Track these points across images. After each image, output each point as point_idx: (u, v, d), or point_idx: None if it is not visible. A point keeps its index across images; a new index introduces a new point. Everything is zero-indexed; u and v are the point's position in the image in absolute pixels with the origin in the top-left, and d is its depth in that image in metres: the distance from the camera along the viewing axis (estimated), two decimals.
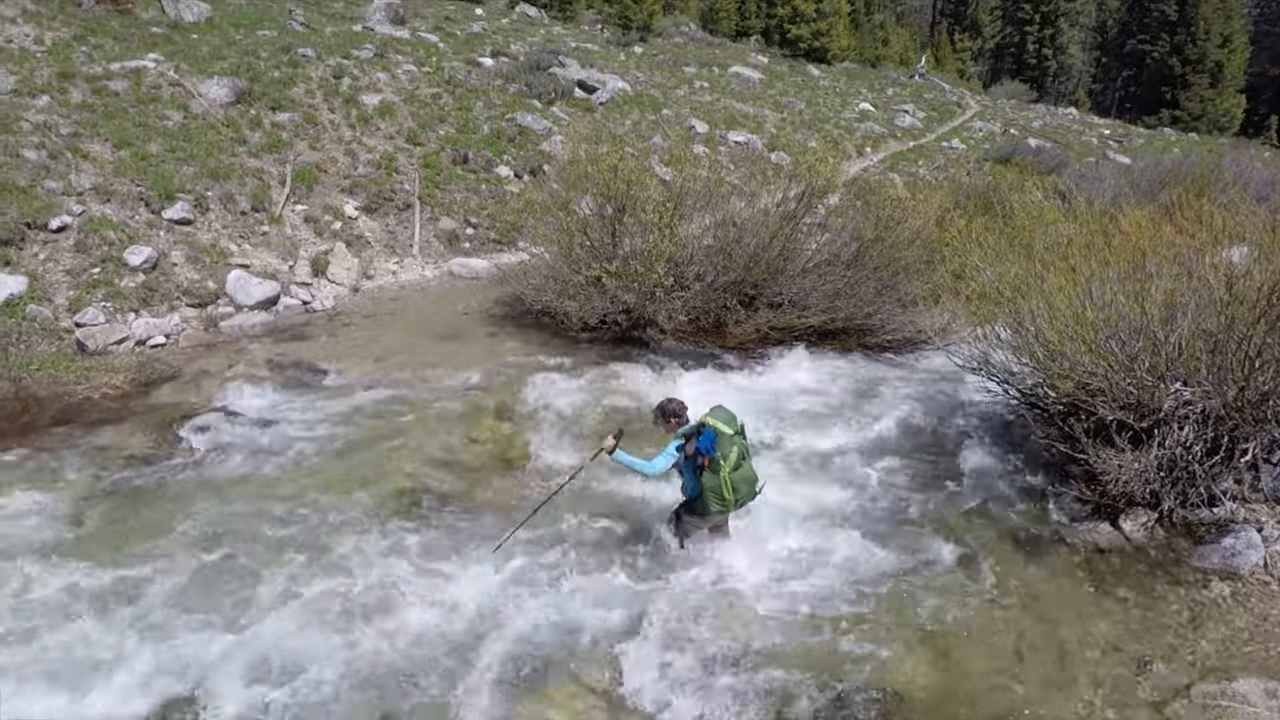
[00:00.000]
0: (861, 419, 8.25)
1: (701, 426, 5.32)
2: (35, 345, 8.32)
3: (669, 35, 34.48)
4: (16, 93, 11.53)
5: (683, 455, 5.41)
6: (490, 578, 5.58)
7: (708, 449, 5.23)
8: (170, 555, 5.62)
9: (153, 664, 4.70)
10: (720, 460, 5.24)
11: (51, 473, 6.46)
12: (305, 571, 5.55)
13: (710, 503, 5.41)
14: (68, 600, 5.14)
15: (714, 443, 5.23)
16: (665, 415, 5.57)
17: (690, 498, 5.61)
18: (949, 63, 56.06)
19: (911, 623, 5.38)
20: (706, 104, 22.81)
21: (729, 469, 5.28)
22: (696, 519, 5.70)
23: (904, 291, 10.63)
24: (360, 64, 16.27)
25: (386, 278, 11.89)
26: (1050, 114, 38.95)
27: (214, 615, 5.12)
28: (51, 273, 9.22)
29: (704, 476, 5.32)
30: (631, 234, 9.83)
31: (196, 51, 14.60)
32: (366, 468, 6.90)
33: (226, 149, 12.28)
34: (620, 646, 5.07)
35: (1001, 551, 6.21)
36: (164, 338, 9.11)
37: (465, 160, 14.69)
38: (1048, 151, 24.31)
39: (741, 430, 5.47)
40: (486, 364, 9.07)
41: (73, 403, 7.56)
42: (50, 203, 9.81)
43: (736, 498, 5.42)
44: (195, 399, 7.93)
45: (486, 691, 4.70)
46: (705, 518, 5.64)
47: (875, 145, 24.36)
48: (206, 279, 10.11)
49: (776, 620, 5.38)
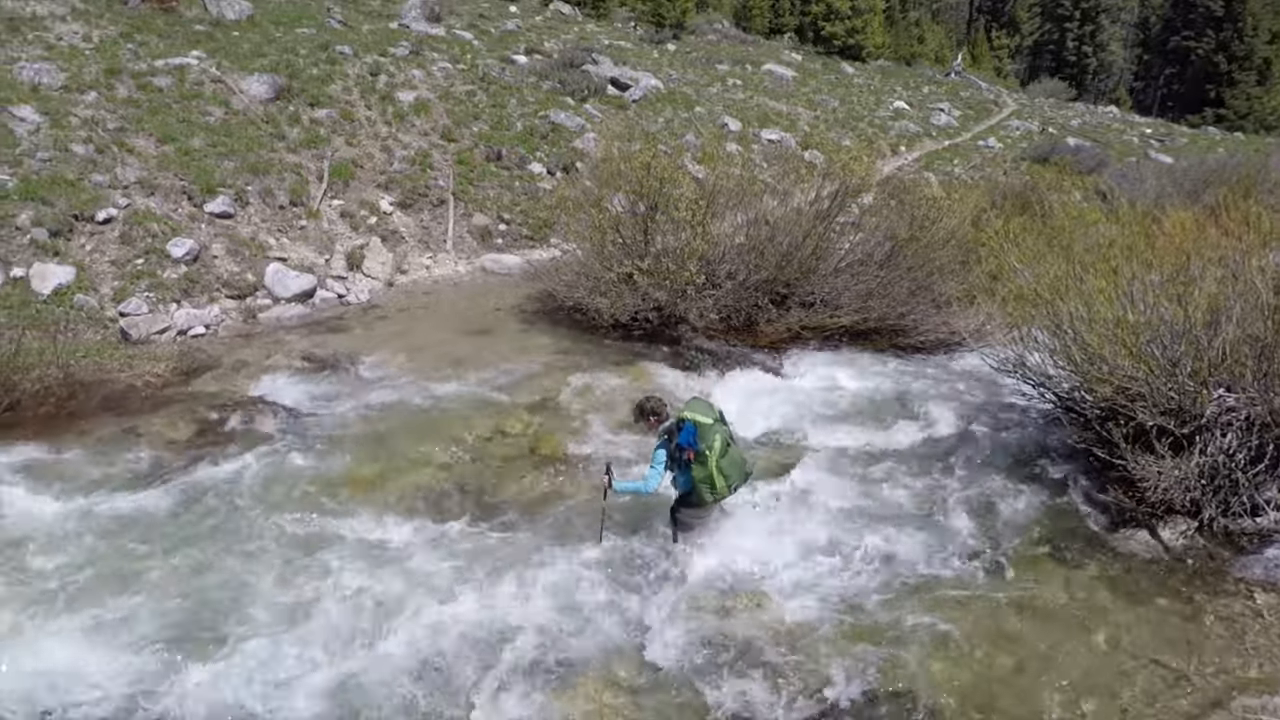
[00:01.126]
0: (893, 419, 8.19)
1: (680, 422, 5.36)
2: (82, 333, 8.54)
3: (702, 33, 34.36)
4: (66, 89, 11.83)
5: (668, 455, 5.44)
6: (516, 573, 5.62)
7: (690, 442, 5.28)
8: (208, 540, 5.75)
9: (196, 639, 4.81)
10: (706, 451, 5.28)
11: (98, 458, 6.63)
12: (337, 561, 5.62)
13: (704, 493, 5.46)
14: (118, 578, 5.28)
15: (695, 435, 5.28)
16: (644, 414, 5.62)
17: (684, 492, 5.64)
18: (985, 60, 55.22)
19: (939, 626, 5.32)
20: (739, 102, 22.72)
21: (716, 457, 5.32)
22: (694, 510, 5.74)
23: (938, 292, 10.52)
24: (396, 61, 16.46)
25: (420, 272, 12.02)
26: (1090, 112, 38.20)
27: (244, 601, 5.22)
28: (97, 263, 9.46)
29: (694, 469, 5.36)
30: (664, 231, 9.84)
31: (238, 49, 14.87)
32: (398, 459, 6.99)
33: (266, 144, 12.50)
34: (644, 641, 5.09)
35: (1034, 556, 6.12)
36: (204, 328, 9.31)
37: (499, 157, 14.79)
38: (1087, 151, 23.85)
39: (721, 417, 5.51)
40: (518, 359, 9.14)
41: (116, 390, 7.75)
42: (97, 195, 10.07)
43: (729, 484, 5.47)
44: (233, 389, 8.09)
45: (513, 684, 4.74)
46: (702, 508, 5.68)
47: (910, 144, 24.08)
48: (246, 271, 10.30)
49: (802, 619, 5.35)
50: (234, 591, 5.31)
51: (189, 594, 5.26)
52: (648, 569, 5.74)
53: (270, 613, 5.16)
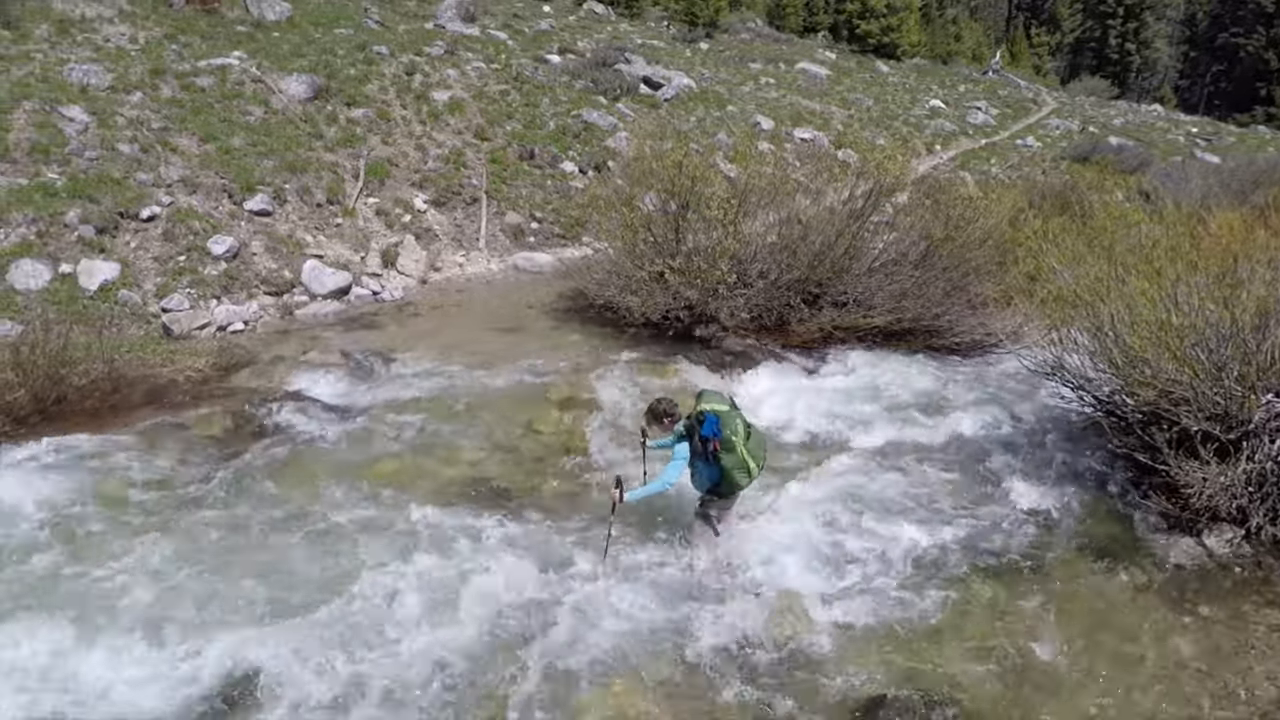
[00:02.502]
0: (928, 421, 8.08)
1: (700, 416, 5.35)
2: (126, 329, 8.76)
3: (735, 31, 34.23)
4: (113, 89, 12.13)
5: (690, 450, 5.43)
6: (546, 572, 5.63)
7: (715, 433, 5.28)
8: (242, 533, 5.86)
9: (230, 631, 4.90)
10: (732, 437, 5.30)
11: (143, 449, 6.79)
12: (368, 555, 5.68)
13: (739, 478, 5.47)
14: (157, 567, 5.40)
15: (718, 424, 5.29)
16: (658, 416, 5.57)
17: (713, 484, 5.61)
18: (1025, 58, 54.27)
19: (975, 631, 5.24)
20: (772, 100, 22.59)
21: (743, 441, 5.36)
22: (725, 501, 5.75)
23: (973, 293, 10.36)
24: (431, 61, 16.62)
25: (453, 270, 12.13)
26: (1133, 111, 37.37)
27: (280, 593, 5.30)
28: (141, 260, 9.69)
29: (723, 459, 5.36)
30: (695, 230, 9.81)
31: (278, 49, 15.12)
32: (431, 455, 7.06)
33: (304, 143, 12.70)
34: (677, 643, 5.08)
35: (1073, 562, 6.01)
36: (243, 324, 9.48)
37: (531, 156, 14.87)
38: (1130, 150, 23.33)
39: (733, 403, 5.55)
40: (549, 357, 9.18)
41: (159, 384, 7.93)
42: (141, 193, 10.31)
43: (759, 464, 5.52)
44: (271, 384, 8.23)
45: (545, 684, 4.74)
46: (732, 497, 5.71)
47: (946, 143, 23.75)
48: (283, 268, 10.48)
49: (837, 620, 5.31)
50: (264, 581, 5.37)
51: (224, 580, 5.35)
52: (679, 569, 5.72)
53: (294, 603, 5.22)
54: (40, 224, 9.35)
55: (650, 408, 5.65)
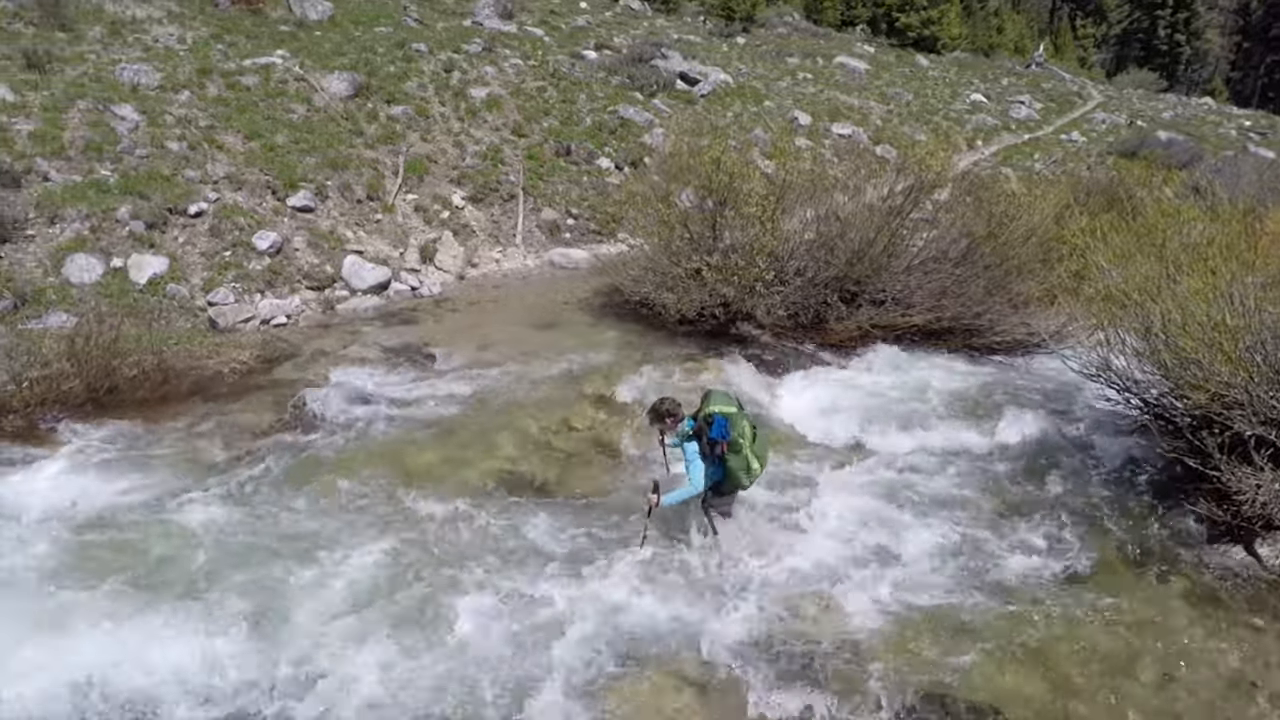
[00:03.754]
0: (968, 421, 7.97)
1: (709, 418, 5.38)
2: (174, 321, 8.98)
3: (772, 26, 33.97)
4: (162, 88, 12.42)
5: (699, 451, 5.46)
6: (577, 567, 5.65)
7: (723, 435, 5.35)
8: (287, 520, 5.98)
9: (268, 609, 5.01)
10: (739, 439, 5.38)
11: (191, 439, 6.97)
12: (404, 547, 5.75)
13: (742, 479, 5.54)
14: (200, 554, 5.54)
15: (727, 426, 5.35)
16: (660, 416, 5.55)
17: (714, 483, 5.64)
18: (1069, 50, 53.09)
19: (1013, 635, 5.16)
20: (810, 96, 22.39)
21: (749, 442, 5.43)
22: (727, 499, 5.83)
23: (1015, 291, 10.17)
24: (469, 58, 16.76)
25: (490, 266, 12.23)
26: (1182, 104, 36.34)
27: (311, 583, 5.41)
28: (189, 254, 9.92)
29: (729, 460, 5.43)
30: (732, 227, 9.76)
31: (320, 48, 15.37)
32: (468, 449, 7.13)
33: (345, 140, 12.89)
34: (707, 641, 5.06)
35: (1116, 567, 5.89)
36: (285, 318, 9.67)
37: (568, 152, 14.92)
38: (1179, 145, 22.68)
39: (740, 405, 5.62)
40: (585, 353, 9.21)
41: (205, 376, 8.12)
42: (189, 190, 10.55)
43: (761, 465, 5.59)
44: (312, 377, 8.37)
45: (574, 680, 4.75)
46: (733, 495, 5.82)
47: (987, 138, 23.33)
48: (325, 264, 10.65)
49: (870, 624, 5.25)
50: (302, 569, 5.48)
51: (266, 567, 5.47)
52: (708, 569, 5.71)
53: (332, 588, 5.31)
54: (93, 220, 9.62)
55: (653, 407, 5.66)
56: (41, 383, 7.12)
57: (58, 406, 7.08)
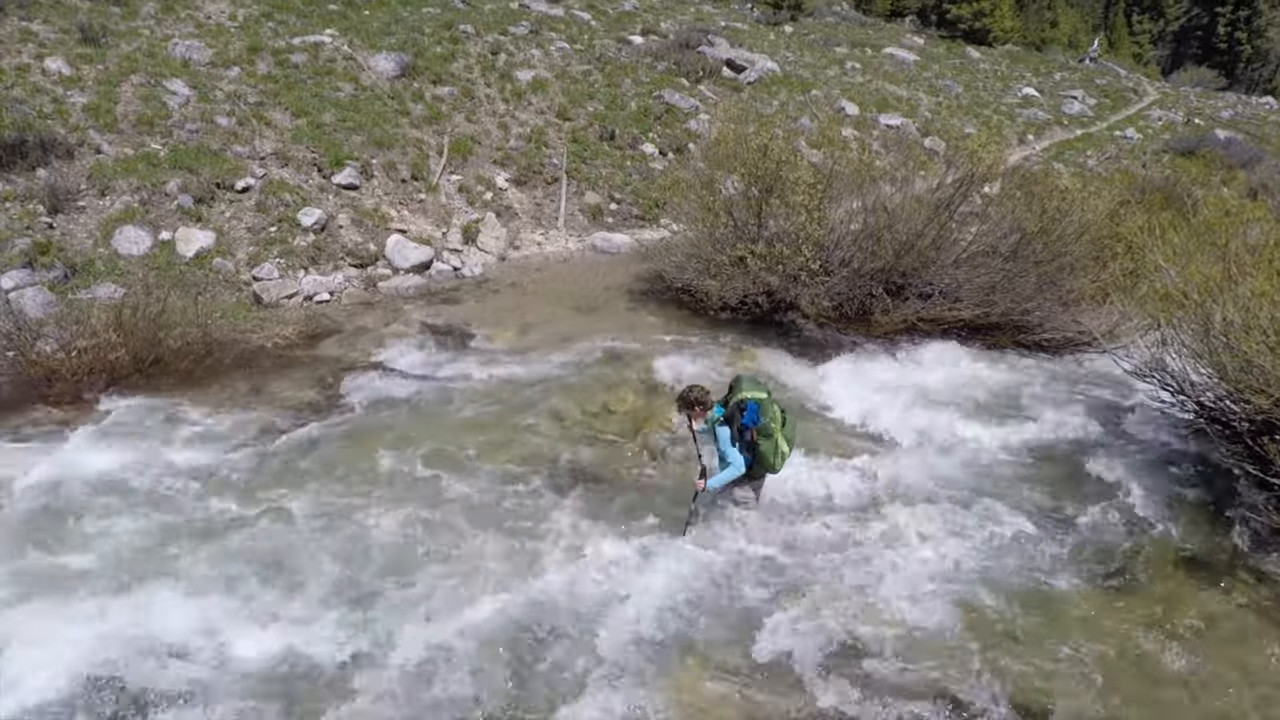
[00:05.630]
0: (1018, 419, 7.80)
1: (741, 404, 5.40)
2: (219, 295, 9.09)
3: (820, 15, 33.46)
4: (213, 64, 12.56)
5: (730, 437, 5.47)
6: (619, 553, 5.61)
7: (754, 421, 5.37)
8: (325, 496, 6.02)
9: (310, 596, 5.05)
10: (771, 425, 5.39)
11: (233, 411, 7.05)
12: (443, 530, 5.75)
13: (772, 462, 5.51)
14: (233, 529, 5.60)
15: (759, 412, 5.37)
16: (689, 404, 5.57)
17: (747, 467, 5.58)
18: (1124, 46, 51.60)
19: (1064, 642, 5.01)
20: (858, 85, 22.00)
21: (780, 428, 5.45)
22: (755, 483, 5.82)
23: (1067, 289, 9.89)
24: (516, 40, 16.71)
25: (532, 248, 12.21)
26: (1242, 103, 35.08)
27: (352, 563, 5.43)
28: (235, 229, 10.03)
29: (760, 445, 5.43)
30: (777, 216, 9.61)
31: (368, 27, 15.43)
32: (507, 430, 7.12)
33: (391, 120, 12.93)
34: (751, 635, 5.00)
35: (1171, 575, 5.70)
36: (329, 294, 9.74)
37: (612, 137, 14.82)
38: (1239, 145, 21.91)
39: (769, 391, 5.60)
40: (626, 337, 9.15)
41: (249, 349, 8.21)
42: (237, 165, 10.66)
43: (790, 449, 5.57)
44: (355, 354, 8.43)
45: (617, 667, 4.72)
46: (762, 479, 5.82)
47: (1038, 133, 22.75)
48: (368, 242, 10.71)
49: (918, 624, 5.14)
50: (333, 546, 5.52)
51: (298, 541, 5.51)
52: (756, 562, 5.63)
53: (380, 570, 5.34)
54: (143, 192, 9.77)
55: (681, 395, 5.65)
56: (89, 352, 7.26)
57: (105, 376, 7.21)
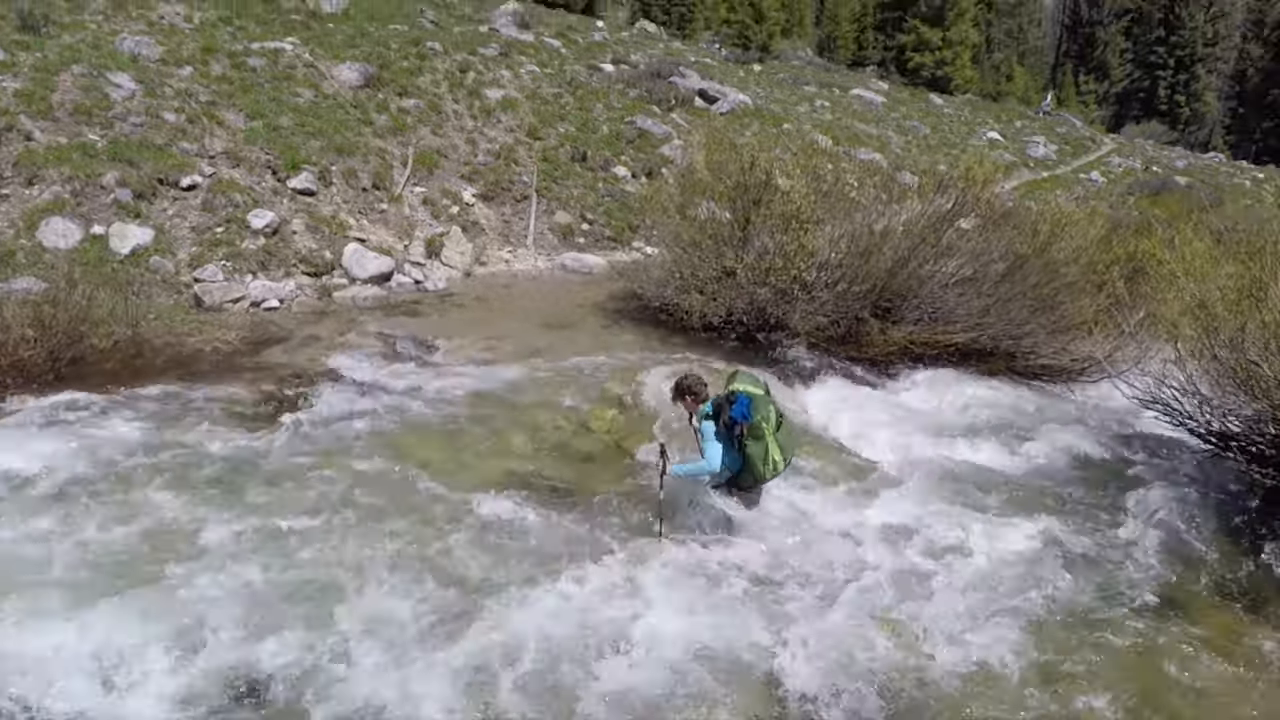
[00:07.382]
0: (1018, 443, 7.34)
1: (730, 395, 4.86)
2: (155, 295, 8.24)
3: (786, 58, 33.92)
4: (163, 62, 11.78)
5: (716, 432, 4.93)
6: (602, 576, 4.88)
7: (744, 415, 4.80)
8: (261, 515, 5.15)
9: (251, 624, 4.19)
10: (761, 423, 4.83)
11: (156, 415, 6.16)
12: (403, 548, 4.96)
13: (762, 470, 4.96)
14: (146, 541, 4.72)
15: (749, 407, 4.81)
16: (682, 392, 5.14)
17: (732, 474, 5.12)
18: (1073, 104, 53.44)
19: (1097, 671, 4.46)
20: (829, 122, 22.03)
21: (772, 430, 4.86)
22: (744, 494, 5.26)
23: (1060, 314, 9.53)
24: (485, 60, 16.26)
25: (499, 265, 11.53)
26: (1193, 157, 36.39)
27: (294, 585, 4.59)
28: (177, 228, 9.18)
29: (747, 446, 4.87)
30: (762, 233, 9.10)
31: (331, 39, 14.81)
32: (471, 447, 6.36)
33: (353, 128, 12.25)
34: (769, 665, 4.32)
35: (1203, 605, 5.22)
36: (278, 301, 8.91)
37: (584, 158, 14.34)
38: (1199, 189, 22.38)
39: (768, 390, 5.06)
40: (599, 354, 8.45)
41: (184, 352, 7.35)
42: (183, 162, 9.85)
43: (785, 459, 4.98)
44: (302, 361, 7.61)
45: (611, 703, 3.99)
46: (754, 490, 5.23)
47: (1006, 173, 22.95)
48: (324, 249, 9.93)
49: (942, 654, 4.50)
50: (244, 579, 4.65)
51: (205, 578, 4.65)
52: (772, 582, 4.94)
53: (323, 592, 4.51)
54: (75, 183, 8.89)
55: (677, 383, 5.21)
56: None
57: (13, 374, 6.28)
